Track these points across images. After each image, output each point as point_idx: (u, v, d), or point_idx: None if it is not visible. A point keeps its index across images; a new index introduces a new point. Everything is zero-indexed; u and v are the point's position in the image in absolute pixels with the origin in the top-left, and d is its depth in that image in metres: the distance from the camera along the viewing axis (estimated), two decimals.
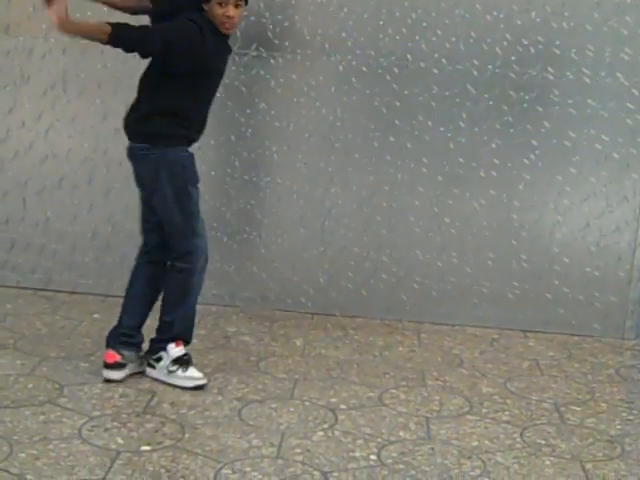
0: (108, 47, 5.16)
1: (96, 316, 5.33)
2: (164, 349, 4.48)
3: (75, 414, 4.06)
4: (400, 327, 5.53)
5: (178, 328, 4.50)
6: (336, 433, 4.07)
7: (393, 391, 4.57)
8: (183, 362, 4.47)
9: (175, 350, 4.48)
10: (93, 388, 4.34)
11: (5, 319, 5.17)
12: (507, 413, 4.40)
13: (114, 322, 5.01)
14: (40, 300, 5.53)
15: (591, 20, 5.32)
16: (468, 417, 4.33)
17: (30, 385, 4.32)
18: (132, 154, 4.50)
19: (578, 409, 4.50)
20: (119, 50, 5.17)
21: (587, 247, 5.51)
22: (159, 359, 4.50)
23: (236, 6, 4.32)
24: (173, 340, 4.48)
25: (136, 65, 5.36)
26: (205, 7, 4.36)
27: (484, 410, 4.42)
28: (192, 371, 4.47)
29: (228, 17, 4.31)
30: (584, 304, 5.55)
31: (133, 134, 4.48)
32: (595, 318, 5.57)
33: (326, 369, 4.80)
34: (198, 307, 4.91)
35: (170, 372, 4.45)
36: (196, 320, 4.91)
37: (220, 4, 4.29)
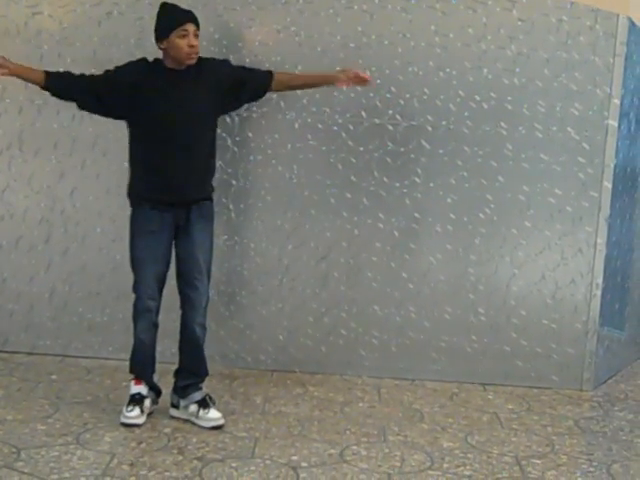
0: (63, 107, 5.22)
1: (54, 377, 5.27)
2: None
3: (33, 478, 3.99)
4: (360, 383, 5.53)
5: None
6: None
7: (354, 447, 4.56)
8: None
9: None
10: (50, 451, 4.28)
11: None
12: (468, 467, 4.40)
13: (72, 383, 5.01)
14: None
15: (541, 76, 5.42)
16: (430, 472, 4.32)
17: None
18: None
19: (539, 462, 4.51)
20: (75, 110, 5.21)
21: (543, 299, 5.56)
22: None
23: (195, 35, 4.56)
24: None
25: (91, 125, 5.41)
26: (163, 45, 4.56)
27: (445, 465, 4.41)
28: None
29: (191, 47, 4.54)
30: (542, 356, 5.59)
31: None
32: (553, 370, 5.60)
33: (287, 426, 4.78)
34: (158, 366, 4.91)
35: None
36: (155, 378, 4.91)
37: (182, 36, 4.51)
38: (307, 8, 5.40)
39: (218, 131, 5.12)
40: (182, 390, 4.81)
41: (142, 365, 4.77)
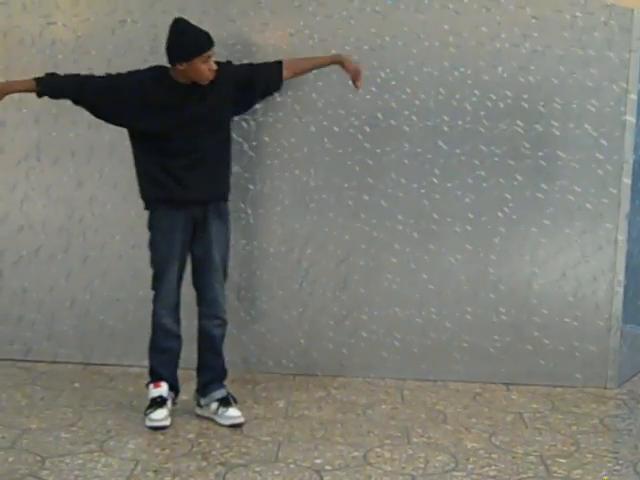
0: (80, 115, 5.25)
1: (76, 385, 5.28)
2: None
3: None
4: (382, 385, 5.51)
5: None
6: None
7: (378, 450, 4.55)
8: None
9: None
10: (75, 459, 4.29)
11: None
12: (493, 468, 4.38)
13: (95, 390, 5.02)
14: (19, 371, 5.48)
15: (557, 73, 5.40)
16: (454, 473, 4.31)
17: (11, 458, 4.26)
18: None
19: (564, 461, 4.49)
20: (91, 118, 5.24)
21: (565, 297, 5.53)
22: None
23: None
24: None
25: (108, 133, 5.42)
26: (182, 66, 4.58)
27: (470, 466, 4.39)
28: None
29: (212, 70, 4.61)
30: (565, 355, 5.56)
31: None
32: (577, 368, 5.57)
33: (310, 430, 4.77)
34: (181, 372, 4.92)
35: None
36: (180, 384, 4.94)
37: (204, 61, 4.58)
38: (320, 11, 5.39)
39: (234, 136, 5.16)
40: (203, 388, 4.87)
41: (164, 362, 4.84)
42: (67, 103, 5.35)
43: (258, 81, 4.90)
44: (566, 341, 5.55)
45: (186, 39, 4.60)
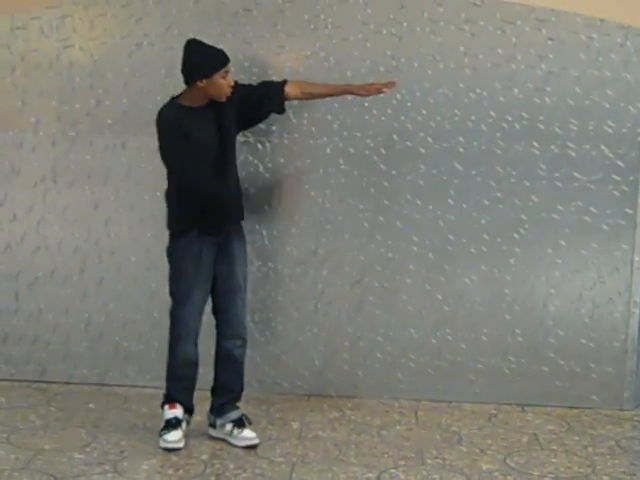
0: (96, 138, 5.33)
1: (91, 406, 5.29)
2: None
3: None
4: (397, 406, 5.49)
5: None
6: None
7: (392, 471, 4.52)
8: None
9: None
10: (89, 479, 4.29)
11: None
12: None
13: (109, 411, 5.03)
14: (34, 392, 5.50)
15: (573, 95, 5.39)
16: None
17: (25, 479, 4.27)
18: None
19: None
20: (108, 141, 5.32)
21: (581, 319, 5.51)
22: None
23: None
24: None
25: (124, 155, 5.46)
26: (202, 83, 4.63)
27: None
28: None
29: (230, 86, 4.70)
30: (581, 376, 5.52)
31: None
32: (593, 390, 5.53)
33: (324, 451, 4.76)
34: (196, 393, 4.92)
35: None
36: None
37: (224, 77, 4.66)
38: (336, 33, 5.41)
39: (249, 157, 5.20)
40: (219, 409, 4.87)
41: (183, 388, 4.83)
42: (83, 126, 5.45)
43: (255, 94, 4.93)
44: (582, 362, 5.51)
45: (205, 56, 4.67)
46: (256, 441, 4.76)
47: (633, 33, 5.35)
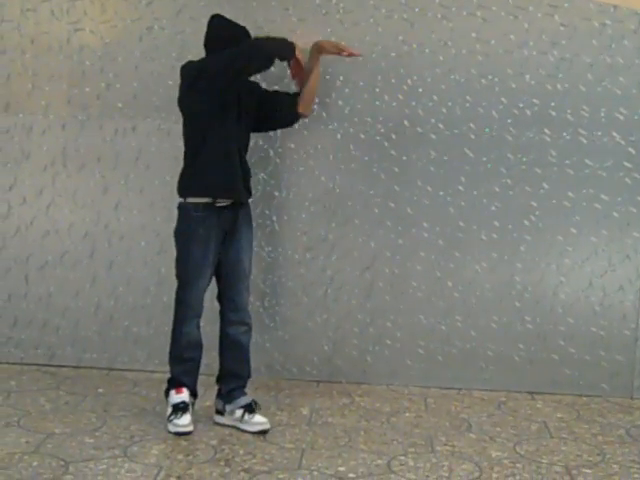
0: (106, 122, 5.33)
1: (100, 390, 5.29)
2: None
3: None
4: (406, 393, 5.49)
5: None
6: None
7: (401, 458, 4.52)
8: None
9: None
10: (98, 464, 4.29)
11: (9, 396, 5.13)
12: (518, 478, 4.34)
13: (118, 396, 5.04)
14: (44, 376, 5.50)
15: (585, 81, 5.37)
16: None
17: (35, 463, 4.27)
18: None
19: (589, 471, 4.45)
20: (118, 124, 5.29)
21: (591, 307, 5.50)
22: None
23: None
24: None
25: (134, 139, 5.45)
26: None
27: (494, 475, 4.36)
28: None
29: None
30: (591, 364, 5.52)
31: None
32: (602, 378, 5.53)
33: (333, 437, 4.76)
34: (203, 378, 4.93)
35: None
36: (201, 391, 4.94)
37: None
38: (347, 18, 5.39)
39: (260, 142, 5.18)
40: (227, 395, 4.87)
41: (188, 371, 4.84)
42: (93, 110, 5.43)
43: (274, 101, 5.02)
44: (592, 350, 5.51)
45: (230, 29, 4.76)
46: (267, 426, 4.76)
47: None
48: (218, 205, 4.69)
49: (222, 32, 4.74)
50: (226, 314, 4.85)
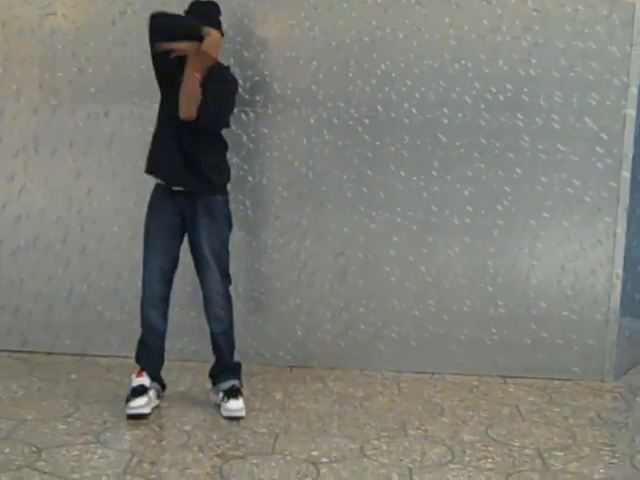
0: (79, 106, 5.30)
1: (73, 376, 5.27)
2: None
3: (54, 477, 4.00)
4: (379, 377, 5.51)
5: None
6: None
7: (375, 442, 4.54)
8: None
9: None
10: (71, 450, 4.28)
11: None
12: (490, 461, 4.38)
13: (91, 382, 5.02)
14: (16, 362, 5.48)
15: (558, 67, 5.39)
16: (451, 466, 4.30)
17: (7, 450, 4.25)
18: None
19: (561, 454, 4.49)
20: (90, 109, 5.27)
21: (563, 291, 5.53)
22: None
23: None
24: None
25: (107, 123, 5.43)
26: None
27: (467, 458, 4.39)
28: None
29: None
30: (562, 348, 5.56)
31: None
32: (574, 361, 5.57)
33: (306, 422, 4.77)
34: (177, 364, 4.94)
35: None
36: (173, 376, 4.94)
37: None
38: (321, 3, 5.38)
39: (233, 127, 5.16)
40: (213, 377, 4.92)
41: (147, 356, 4.85)
42: (65, 94, 5.40)
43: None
44: (564, 334, 5.55)
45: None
46: (239, 414, 4.75)
47: (618, 5, 5.36)
48: (173, 189, 4.71)
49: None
50: (203, 305, 4.88)
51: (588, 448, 4.58)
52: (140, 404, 4.67)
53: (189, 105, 4.54)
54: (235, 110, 5.07)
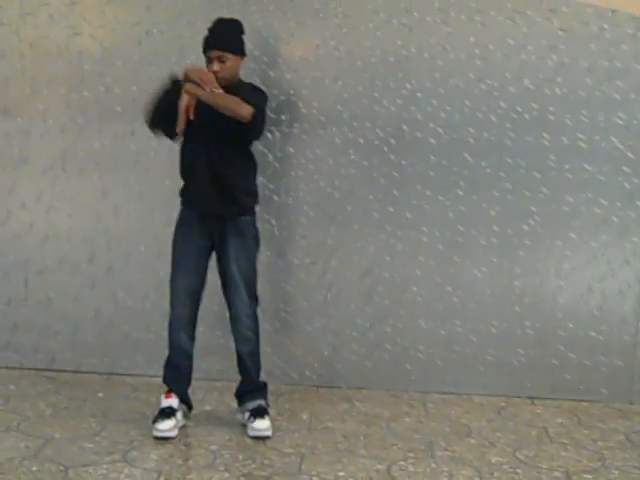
0: (105, 126, 5.33)
1: (100, 395, 5.28)
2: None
3: None
4: (406, 397, 5.49)
5: None
6: None
7: (401, 463, 4.52)
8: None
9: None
10: (98, 469, 4.28)
11: (9, 400, 5.12)
12: None
13: (118, 400, 5.02)
14: (43, 380, 5.49)
15: (584, 86, 5.37)
16: None
17: (34, 468, 4.26)
18: None
19: (590, 477, 4.44)
20: (117, 129, 5.31)
21: (591, 311, 5.49)
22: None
23: (220, 60, 4.63)
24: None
25: (133, 143, 5.45)
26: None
27: None
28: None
29: (214, 72, 4.62)
30: (590, 369, 5.51)
31: None
32: (602, 383, 5.53)
33: (333, 442, 4.75)
34: (202, 382, 4.93)
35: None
36: (200, 395, 4.94)
37: (207, 62, 4.68)
38: (346, 23, 5.39)
39: (259, 147, 5.16)
40: (240, 396, 4.91)
41: (175, 377, 4.84)
42: (92, 114, 5.43)
43: None
44: (592, 355, 5.51)
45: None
46: (266, 433, 4.74)
47: None
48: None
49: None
50: (230, 325, 4.88)
51: (617, 471, 4.54)
52: (168, 427, 4.67)
53: (234, 107, 4.51)
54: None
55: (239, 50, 4.73)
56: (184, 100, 4.53)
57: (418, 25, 5.38)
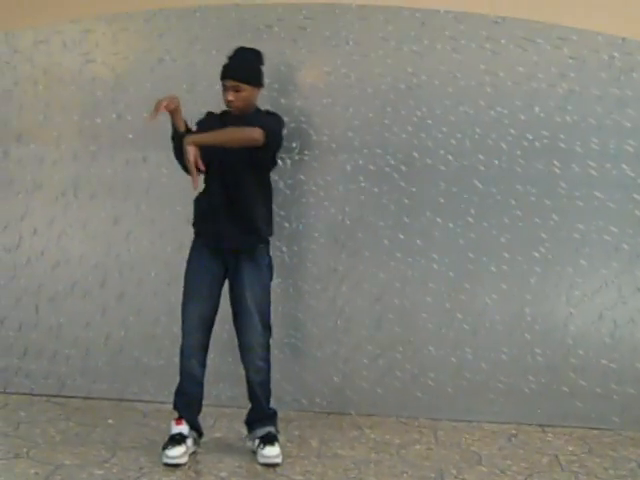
0: (118, 152, 5.36)
1: (110, 421, 5.28)
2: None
3: None
4: (416, 425, 5.47)
5: None
6: None
7: None
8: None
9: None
10: None
11: (18, 427, 5.12)
12: None
13: (128, 427, 5.01)
14: (53, 406, 5.49)
15: (594, 113, 5.38)
16: None
17: None
18: None
19: None
20: (129, 155, 5.33)
21: (602, 339, 5.48)
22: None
23: (235, 90, 4.64)
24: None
25: (145, 169, 5.48)
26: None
27: None
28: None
29: (229, 101, 4.66)
30: (602, 397, 5.49)
31: None
32: (614, 411, 5.50)
33: (343, 469, 4.74)
34: (212, 409, 4.92)
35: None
36: (210, 422, 4.93)
37: (224, 90, 4.69)
38: (357, 50, 5.42)
39: (270, 174, 5.17)
40: (250, 424, 4.91)
41: (186, 403, 4.83)
42: (104, 140, 5.46)
43: None
44: (603, 383, 5.48)
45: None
46: (275, 460, 4.73)
47: None
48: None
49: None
50: (240, 353, 4.87)
51: None
52: (177, 454, 4.67)
53: (239, 135, 4.57)
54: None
55: (255, 81, 4.76)
56: (189, 154, 4.54)
57: (429, 52, 5.40)
